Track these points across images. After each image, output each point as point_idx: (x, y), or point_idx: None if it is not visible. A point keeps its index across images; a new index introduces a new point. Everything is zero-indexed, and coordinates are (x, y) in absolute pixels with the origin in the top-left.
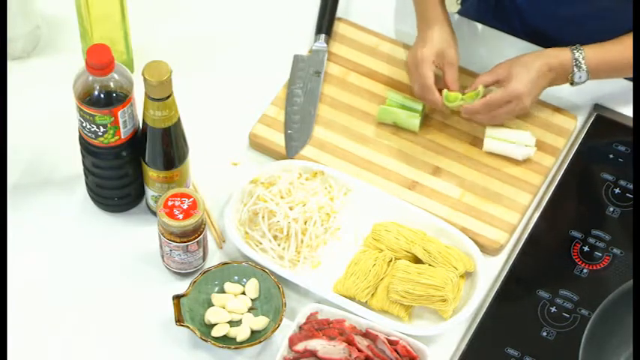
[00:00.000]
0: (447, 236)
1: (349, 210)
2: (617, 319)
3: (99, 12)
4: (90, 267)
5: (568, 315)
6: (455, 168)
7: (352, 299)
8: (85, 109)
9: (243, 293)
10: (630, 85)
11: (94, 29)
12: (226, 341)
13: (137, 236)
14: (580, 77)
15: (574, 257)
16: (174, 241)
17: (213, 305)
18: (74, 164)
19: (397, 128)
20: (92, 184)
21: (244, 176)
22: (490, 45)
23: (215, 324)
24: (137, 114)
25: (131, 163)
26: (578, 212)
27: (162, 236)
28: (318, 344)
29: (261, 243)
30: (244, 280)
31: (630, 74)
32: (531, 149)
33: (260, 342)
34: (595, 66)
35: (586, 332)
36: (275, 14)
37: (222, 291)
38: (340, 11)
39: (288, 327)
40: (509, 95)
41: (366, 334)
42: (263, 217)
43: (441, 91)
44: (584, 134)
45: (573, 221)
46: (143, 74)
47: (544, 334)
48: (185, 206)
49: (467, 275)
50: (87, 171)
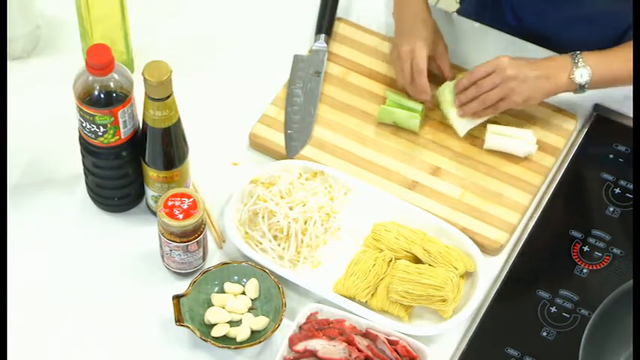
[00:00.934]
0: (447, 236)
1: (349, 210)
2: (617, 319)
3: (99, 12)
4: (90, 267)
5: (568, 315)
6: (455, 168)
7: (352, 299)
8: (85, 109)
9: (243, 293)
10: (630, 85)
11: (94, 29)
12: (226, 341)
13: (137, 236)
14: (581, 75)
15: (574, 257)
16: (174, 241)
17: (213, 305)
18: (74, 164)
19: (397, 128)
20: (92, 184)
21: (244, 176)
22: (485, 44)
23: (215, 324)
24: (137, 114)
25: (131, 163)
26: (578, 212)
27: (162, 236)
28: (318, 344)
29: (261, 243)
30: (244, 280)
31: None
32: (533, 146)
33: (260, 342)
34: (593, 62)
35: (586, 332)
36: (275, 14)
37: (222, 291)
38: (340, 11)
39: (288, 327)
40: (491, 65)
41: (366, 334)
42: (263, 217)
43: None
44: (584, 134)
45: (573, 221)
46: (143, 74)
47: (544, 334)
48: (185, 206)
49: (467, 275)
50: (87, 171)
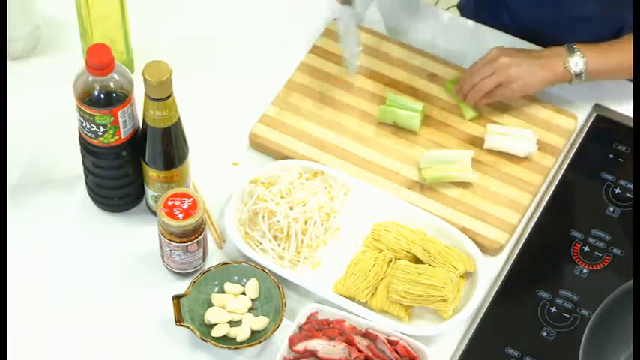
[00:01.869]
0: (447, 236)
1: (349, 210)
2: (617, 319)
3: (99, 12)
4: (90, 267)
5: (568, 315)
6: None
7: (352, 299)
8: (85, 109)
9: (243, 293)
10: (630, 85)
11: (94, 29)
12: (226, 341)
13: (137, 236)
14: (576, 64)
15: (574, 257)
16: (174, 241)
17: (213, 305)
18: (74, 164)
19: (397, 128)
20: (92, 184)
21: (244, 176)
22: (484, 43)
23: (215, 324)
24: (137, 114)
25: (131, 163)
26: (578, 212)
27: (162, 236)
28: (318, 344)
29: (261, 243)
30: (244, 280)
31: (626, 76)
32: (533, 146)
33: (260, 342)
34: (588, 52)
35: (586, 332)
36: (275, 14)
37: (222, 291)
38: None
39: (288, 327)
40: (488, 56)
41: (366, 334)
42: (263, 217)
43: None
44: (584, 134)
45: (573, 221)
46: (143, 74)
47: (544, 334)
48: (185, 206)
49: (467, 275)
50: (87, 171)
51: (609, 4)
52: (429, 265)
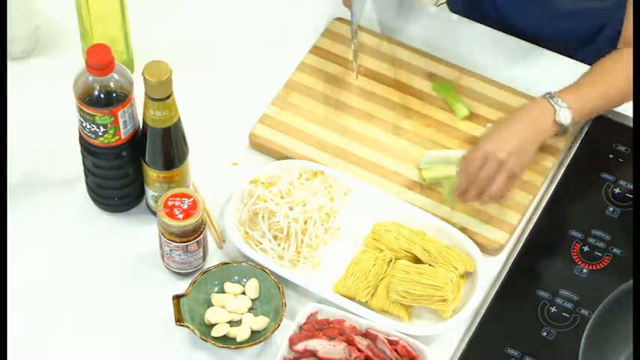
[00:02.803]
0: (447, 236)
1: (349, 210)
2: (617, 319)
3: (99, 12)
4: (90, 267)
5: (568, 315)
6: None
7: (352, 299)
8: (85, 109)
9: (243, 293)
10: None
11: (94, 29)
12: (226, 341)
13: (137, 236)
14: (565, 117)
15: (574, 257)
16: (174, 241)
17: (213, 305)
18: (74, 164)
19: (397, 128)
20: (92, 184)
21: (244, 176)
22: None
23: (215, 324)
24: (137, 114)
25: (131, 163)
26: (578, 212)
27: (162, 236)
28: (318, 344)
29: (261, 243)
30: (244, 280)
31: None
32: None
33: (260, 342)
34: (572, 102)
35: (586, 332)
36: (275, 14)
37: (222, 291)
38: (340, 11)
39: (288, 327)
40: (480, 155)
41: (366, 334)
42: (263, 217)
43: None
44: (584, 134)
45: (573, 221)
46: (143, 74)
47: (544, 334)
48: (185, 206)
49: (467, 275)
50: (87, 171)
51: None
52: (429, 265)
